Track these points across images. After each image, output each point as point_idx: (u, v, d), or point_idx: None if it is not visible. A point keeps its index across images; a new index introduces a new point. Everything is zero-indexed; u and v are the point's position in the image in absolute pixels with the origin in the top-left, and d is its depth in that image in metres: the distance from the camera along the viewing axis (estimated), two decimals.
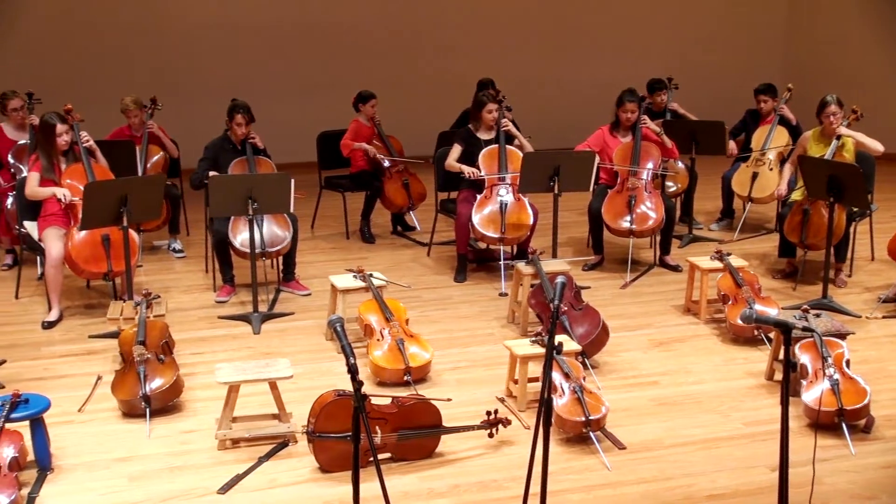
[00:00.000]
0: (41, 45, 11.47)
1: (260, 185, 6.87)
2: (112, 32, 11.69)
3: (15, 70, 10.86)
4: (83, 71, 11.45)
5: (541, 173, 7.35)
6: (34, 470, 4.84)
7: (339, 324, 3.88)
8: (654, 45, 13.04)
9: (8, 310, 7.33)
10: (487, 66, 10.77)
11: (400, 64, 12.47)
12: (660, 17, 13.22)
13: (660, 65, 11.02)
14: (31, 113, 8.17)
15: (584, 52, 13.09)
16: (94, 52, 11.62)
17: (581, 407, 5.08)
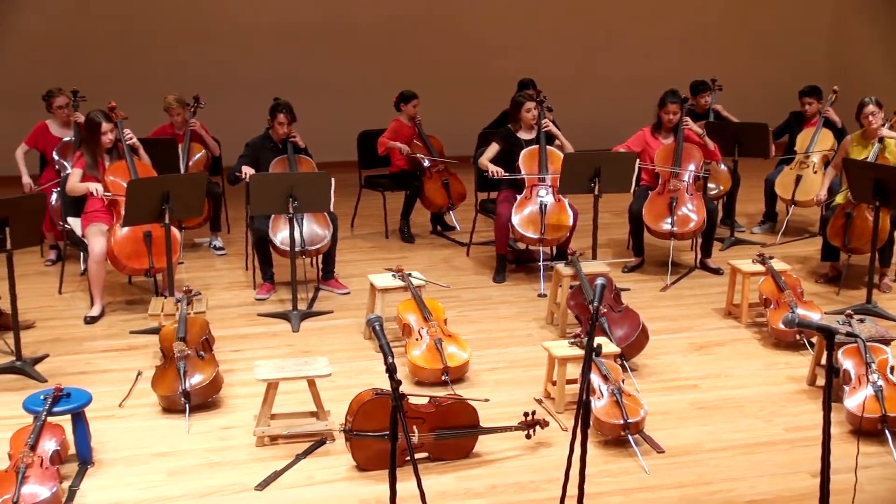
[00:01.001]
0: (85, 44, 11.61)
1: (300, 184, 6.89)
2: (156, 31, 11.80)
3: (59, 68, 11.01)
4: (127, 69, 11.57)
5: (581, 174, 7.31)
6: (75, 463, 4.88)
7: (378, 323, 3.88)
8: (698, 45, 12.96)
9: (51, 305, 7.41)
10: (530, 65, 10.76)
11: (442, 64, 12.47)
12: (705, 17, 13.13)
13: (705, 65, 10.92)
14: (75, 110, 8.26)
15: (627, 52, 13.02)
16: (138, 50, 11.74)
17: (619, 409, 5.04)
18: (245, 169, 7.41)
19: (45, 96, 8.38)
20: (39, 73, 10.62)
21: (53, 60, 11.41)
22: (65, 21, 11.68)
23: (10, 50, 11.52)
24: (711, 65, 11.02)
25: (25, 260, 8.20)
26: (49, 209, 7.89)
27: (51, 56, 11.49)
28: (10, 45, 11.54)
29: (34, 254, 8.53)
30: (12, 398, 5.59)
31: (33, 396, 4.92)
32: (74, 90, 8.37)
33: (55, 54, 11.52)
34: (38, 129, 8.38)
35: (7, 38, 11.54)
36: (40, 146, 8.37)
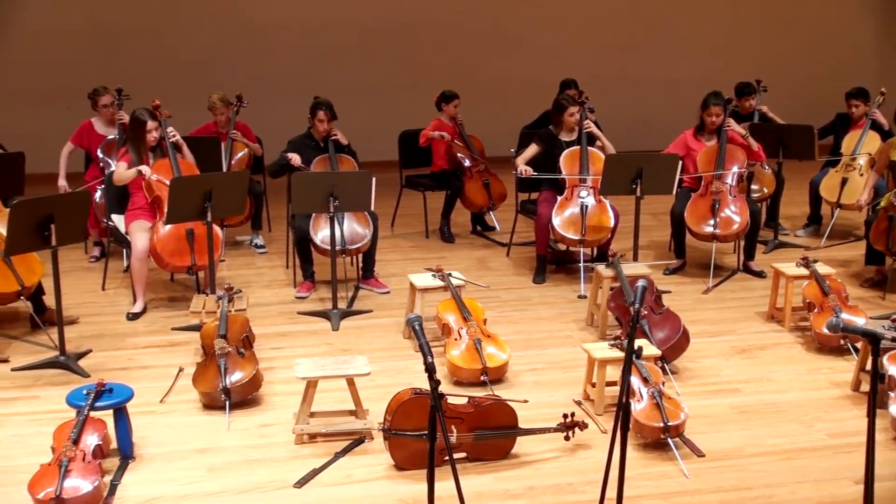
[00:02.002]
0: (130, 43, 11.73)
1: (341, 183, 6.91)
2: (200, 31, 11.90)
3: (104, 66, 11.13)
4: (171, 68, 11.67)
5: (623, 175, 7.27)
6: (117, 458, 4.93)
7: (418, 322, 3.88)
8: (744, 46, 12.83)
9: (95, 301, 7.50)
10: (571, 65, 10.70)
11: (483, 64, 12.46)
12: (749, 18, 13.01)
13: (750, 66, 10.80)
14: (120, 109, 8.35)
15: (671, 53, 12.93)
16: (182, 49, 11.83)
17: (660, 412, 5.00)
18: (292, 155, 7.44)
19: (91, 95, 8.48)
20: (84, 72, 10.75)
21: (98, 59, 11.54)
22: (109, 19, 11.80)
23: (56, 48, 11.66)
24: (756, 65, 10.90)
25: (70, 256, 8.30)
26: (93, 206, 7.97)
27: (95, 55, 11.62)
28: (56, 43, 11.68)
29: (78, 250, 8.63)
30: (56, 392, 5.66)
31: (76, 391, 4.97)
32: (119, 89, 8.46)
33: (100, 53, 11.64)
34: (83, 128, 8.48)
35: (52, 36, 11.69)
36: (85, 144, 8.47)
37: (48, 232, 5.92)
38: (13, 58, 11.64)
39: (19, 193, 7.58)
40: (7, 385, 5.93)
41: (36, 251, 6.31)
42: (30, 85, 11.63)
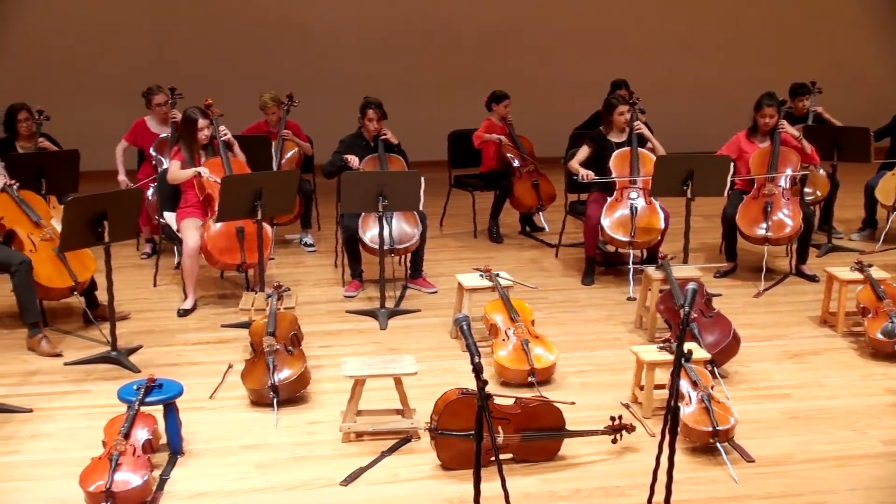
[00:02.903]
0: (184, 42, 11.86)
1: (391, 183, 6.93)
2: (251, 31, 12.01)
3: (159, 66, 11.26)
4: (224, 67, 11.79)
5: (674, 177, 7.21)
6: (166, 453, 4.97)
7: (465, 322, 3.87)
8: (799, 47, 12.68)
9: (146, 297, 7.58)
10: (622, 66, 10.64)
11: (533, 64, 12.44)
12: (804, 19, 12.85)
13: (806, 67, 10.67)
14: (173, 108, 8.44)
15: (723, 54, 12.82)
16: (234, 49, 11.96)
17: (709, 416, 4.95)
18: (351, 158, 7.47)
19: (145, 93, 8.59)
20: (138, 71, 10.89)
21: (152, 58, 11.69)
22: (164, 19, 11.95)
23: (111, 47, 11.83)
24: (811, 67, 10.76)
25: (122, 253, 8.41)
26: (146, 204, 8.07)
27: (150, 54, 11.77)
28: (111, 42, 11.85)
29: (130, 247, 8.74)
30: (107, 387, 5.73)
31: (127, 386, 5.02)
32: (172, 87, 8.55)
33: (154, 52, 11.79)
34: (136, 126, 8.59)
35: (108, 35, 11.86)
36: (138, 142, 8.58)
37: (101, 228, 5.99)
38: (69, 57, 11.83)
39: (74, 190, 7.69)
40: (59, 379, 6.02)
41: (89, 247, 6.39)
42: (85, 83, 11.82)
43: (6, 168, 6.85)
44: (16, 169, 7.01)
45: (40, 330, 6.45)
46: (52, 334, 6.62)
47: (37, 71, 11.71)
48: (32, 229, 6.64)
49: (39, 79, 11.53)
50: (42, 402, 5.65)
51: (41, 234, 6.63)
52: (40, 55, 11.83)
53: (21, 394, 5.77)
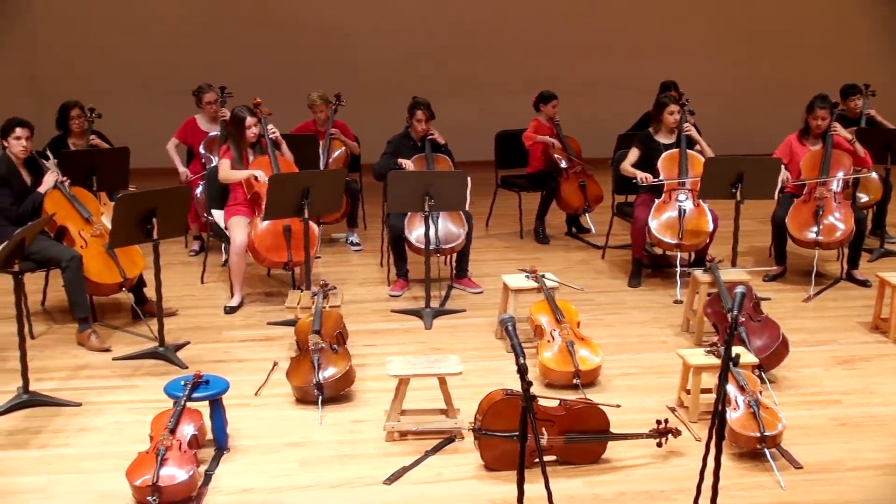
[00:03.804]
0: (233, 42, 11.96)
1: (437, 182, 6.93)
2: (300, 30, 12.08)
3: (209, 65, 11.36)
4: (272, 66, 11.87)
5: (723, 179, 7.13)
6: (211, 448, 5.01)
7: (511, 323, 3.86)
8: (851, 48, 12.50)
9: (193, 294, 7.65)
10: (671, 67, 10.55)
11: (581, 65, 12.39)
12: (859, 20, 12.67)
13: (859, 69, 10.52)
14: (223, 106, 8.51)
15: (776, 55, 12.67)
16: (283, 48, 12.02)
17: (756, 422, 4.89)
18: (406, 162, 7.49)
19: (195, 92, 8.67)
20: (189, 70, 10.98)
21: (202, 57, 11.79)
22: (214, 19, 12.06)
23: (162, 46, 11.95)
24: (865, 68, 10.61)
25: (171, 250, 8.49)
26: (194, 201, 8.14)
27: (200, 53, 11.87)
28: (161, 41, 11.97)
29: (179, 244, 8.82)
30: (154, 383, 5.79)
31: (174, 382, 5.07)
32: (222, 86, 8.63)
33: (204, 51, 11.89)
34: (187, 124, 8.67)
35: (159, 34, 11.99)
36: (188, 140, 8.66)
37: (150, 225, 6.05)
38: (120, 55, 11.98)
39: (124, 188, 7.78)
40: (108, 374, 6.09)
41: (138, 244, 6.46)
42: (136, 82, 11.96)
43: (58, 165, 6.94)
44: (68, 166, 7.10)
45: (90, 325, 6.53)
46: (101, 329, 6.70)
47: (89, 69, 11.87)
48: (83, 225, 6.72)
49: (92, 77, 11.69)
50: (91, 396, 5.72)
51: (92, 231, 6.71)
52: (93, 54, 11.99)
53: (70, 388, 5.84)
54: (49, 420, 5.41)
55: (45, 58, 12.09)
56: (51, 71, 11.99)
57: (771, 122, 9.68)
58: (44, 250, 6.46)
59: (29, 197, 6.59)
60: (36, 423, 5.37)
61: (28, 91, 11.83)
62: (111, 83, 11.74)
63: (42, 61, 12.09)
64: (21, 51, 12.08)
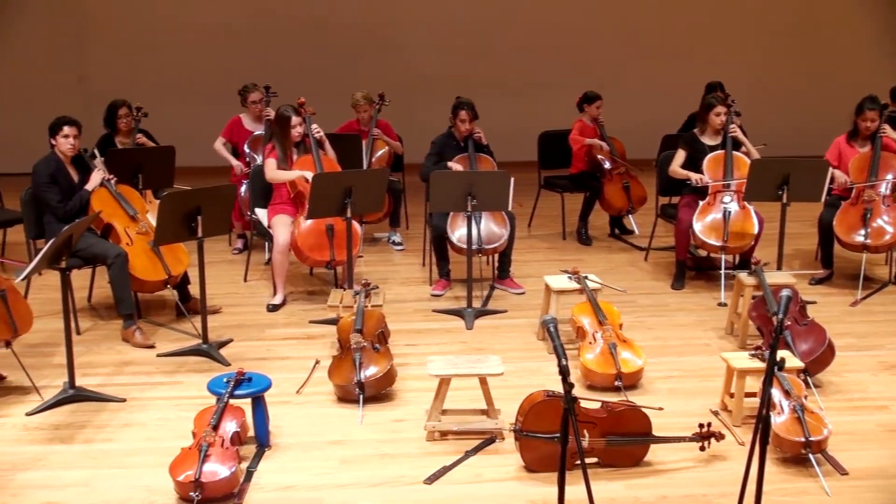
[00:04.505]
0: (278, 42, 12.04)
1: (480, 183, 6.92)
2: (345, 30, 12.14)
3: (255, 65, 11.44)
4: (316, 66, 11.93)
5: (769, 181, 7.05)
6: (253, 445, 5.04)
7: (553, 324, 3.84)
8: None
9: (237, 291, 7.70)
10: (716, 68, 10.47)
11: (625, 65, 12.34)
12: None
13: None
14: (267, 105, 8.56)
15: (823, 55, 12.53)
16: (328, 48, 12.08)
17: (801, 427, 4.83)
18: (454, 166, 7.49)
19: (241, 91, 8.74)
20: (233, 69, 11.08)
21: (247, 57, 11.88)
22: (260, 19, 12.15)
23: (206, 46, 12.06)
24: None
25: (215, 248, 8.56)
26: (238, 200, 8.20)
27: (245, 53, 11.97)
28: (207, 41, 12.08)
29: (223, 242, 8.90)
30: (198, 379, 5.83)
31: (217, 379, 5.10)
32: (267, 86, 8.69)
33: (249, 51, 11.98)
34: (232, 123, 8.74)
35: (204, 34, 12.09)
36: (233, 139, 8.73)
37: (195, 223, 6.09)
38: (167, 55, 12.10)
39: (169, 186, 7.86)
40: (152, 370, 6.15)
41: (183, 242, 6.52)
42: (182, 81, 12.08)
43: (105, 163, 7.01)
44: (114, 164, 7.18)
45: (134, 322, 6.60)
46: (145, 326, 6.76)
47: (136, 69, 12.01)
48: (129, 223, 6.79)
49: (139, 76, 11.82)
50: (135, 392, 5.78)
51: (137, 228, 6.78)
52: (140, 54, 12.14)
53: (115, 383, 5.91)
54: (94, 415, 5.48)
55: (93, 58, 12.26)
56: (99, 71, 12.15)
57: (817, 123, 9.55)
58: (90, 247, 6.54)
59: (76, 194, 6.68)
60: (81, 418, 5.44)
61: (76, 90, 12.01)
62: (158, 82, 11.87)
63: (90, 61, 12.27)
64: (70, 51, 12.25)
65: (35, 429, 5.32)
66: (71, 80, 12.16)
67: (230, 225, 7.39)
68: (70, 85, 12.12)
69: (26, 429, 5.32)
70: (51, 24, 12.16)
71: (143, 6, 12.21)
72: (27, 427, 5.34)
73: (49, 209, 6.64)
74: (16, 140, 11.01)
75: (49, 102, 10.53)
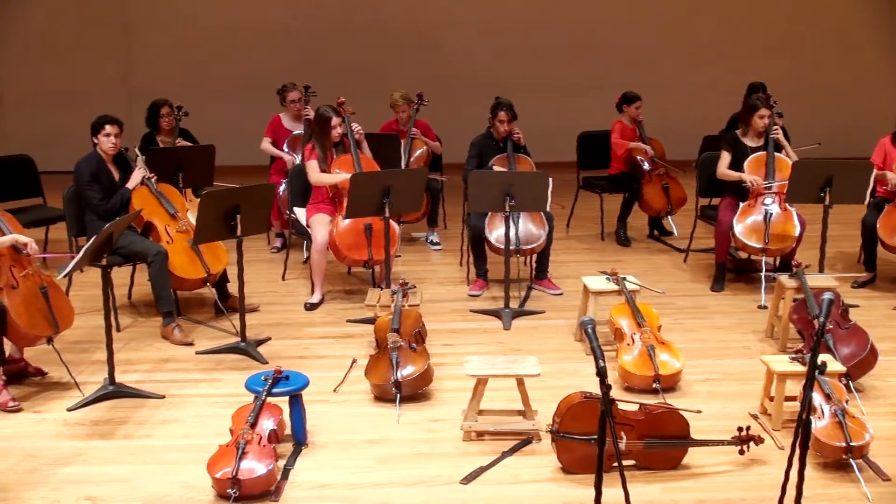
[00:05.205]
0: (317, 42, 12.09)
1: (518, 183, 6.90)
2: (384, 31, 12.16)
3: (294, 65, 11.50)
4: (355, 66, 11.96)
5: (811, 183, 6.97)
6: (290, 443, 5.06)
7: (591, 325, 3.82)
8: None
9: (275, 290, 7.73)
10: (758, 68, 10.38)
11: (664, 67, 12.26)
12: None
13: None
14: (307, 105, 8.59)
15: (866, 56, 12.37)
16: (367, 48, 12.12)
17: (842, 431, 4.77)
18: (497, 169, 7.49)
19: (280, 91, 8.78)
20: (273, 69, 11.14)
21: (287, 57, 11.94)
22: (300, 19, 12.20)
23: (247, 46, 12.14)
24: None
25: (254, 246, 8.61)
26: (277, 199, 8.24)
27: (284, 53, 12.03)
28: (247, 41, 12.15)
29: (261, 241, 8.95)
30: (236, 377, 5.87)
31: (255, 377, 5.13)
32: (306, 85, 8.72)
33: (288, 51, 12.04)
34: (272, 122, 8.79)
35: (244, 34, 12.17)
36: (274, 138, 8.76)
37: (234, 222, 6.13)
38: (208, 55, 12.20)
39: (209, 184, 7.91)
40: (191, 367, 6.19)
41: (222, 240, 6.56)
42: (223, 81, 12.17)
43: (146, 161, 7.08)
44: (155, 163, 7.23)
45: (174, 319, 6.65)
46: (184, 324, 6.81)
47: (178, 68, 12.11)
48: (169, 221, 6.85)
49: (180, 76, 11.92)
50: (173, 388, 5.83)
51: (177, 227, 6.83)
52: (182, 53, 12.24)
53: (154, 380, 5.96)
54: (133, 411, 5.52)
55: (136, 57, 12.38)
56: (141, 70, 12.27)
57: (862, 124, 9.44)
58: (131, 245, 6.60)
59: (117, 192, 6.74)
60: (120, 414, 5.49)
61: (120, 89, 12.13)
62: (199, 81, 11.97)
63: (133, 61, 12.38)
64: (114, 51, 12.39)
65: (75, 424, 5.38)
66: (114, 79, 12.30)
67: (269, 224, 7.42)
68: (113, 84, 12.26)
69: (66, 424, 5.38)
70: (94, 23, 12.30)
71: (186, 6, 12.31)
72: (67, 422, 5.40)
73: (90, 207, 6.70)
74: (59, 138, 11.14)
75: (92, 101, 10.64)
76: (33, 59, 12.33)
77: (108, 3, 12.36)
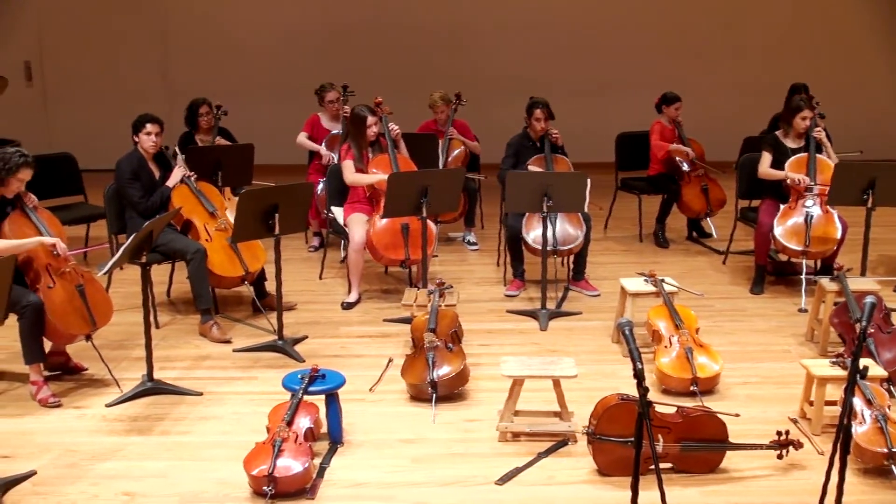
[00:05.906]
0: (356, 42, 12.12)
1: (556, 183, 6.87)
2: (422, 31, 12.17)
3: (333, 64, 11.54)
4: (394, 67, 11.98)
5: (854, 185, 6.89)
6: (326, 442, 5.07)
7: (628, 327, 3.80)
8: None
9: (312, 289, 7.76)
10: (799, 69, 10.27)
11: (703, 66, 12.17)
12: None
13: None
14: (345, 104, 8.61)
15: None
16: (406, 48, 12.13)
17: (884, 437, 4.70)
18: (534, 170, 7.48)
19: (318, 90, 8.80)
20: (312, 69, 11.18)
21: (325, 57, 11.98)
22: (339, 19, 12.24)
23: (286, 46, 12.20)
24: None
25: (291, 245, 8.65)
26: (315, 198, 8.26)
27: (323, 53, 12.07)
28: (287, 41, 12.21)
29: (299, 239, 8.98)
30: (272, 375, 5.89)
31: (292, 375, 5.15)
32: (345, 85, 8.73)
33: (327, 51, 12.08)
34: (311, 121, 8.81)
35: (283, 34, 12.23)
36: (312, 135, 8.78)
37: (272, 221, 6.15)
38: (247, 55, 12.27)
39: (248, 183, 7.95)
40: (228, 365, 6.22)
41: (260, 239, 6.59)
42: (262, 80, 12.24)
43: (185, 160, 7.13)
44: (194, 161, 7.27)
45: (212, 317, 6.69)
46: (222, 321, 6.85)
47: (218, 68, 12.20)
48: (208, 219, 6.89)
49: (220, 75, 12.01)
50: (211, 386, 5.86)
51: (216, 225, 6.88)
52: (222, 53, 12.32)
53: (192, 377, 5.99)
54: (171, 408, 5.57)
55: (176, 57, 12.48)
56: (181, 69, 12.37)
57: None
58: (170, 242, 6.65)
59: (157, 191, 6.79)
60: (159, 411, 5.53)
61: (160, 88, 12.24)
62: (238, 81, 12.05)
63: (173, 60, 12.49)
64: (154, 50, 12.49)
65: (114, 420, 5.43)
66: (155, 79, 12.41)
67: (307, 223, 7.44)
68: (153, 82, 12.37)
69: (105, 420, 5.43)
70: (135, 21, 12.41)
71: (226, 6, 12.40)
72: (106, 418, 5.45)
73: (131, 205, 6.76)
74: (100, 136, 11.25)
75: (132, 100, 10.73)
76: (76, 58, 12.47)
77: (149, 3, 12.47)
